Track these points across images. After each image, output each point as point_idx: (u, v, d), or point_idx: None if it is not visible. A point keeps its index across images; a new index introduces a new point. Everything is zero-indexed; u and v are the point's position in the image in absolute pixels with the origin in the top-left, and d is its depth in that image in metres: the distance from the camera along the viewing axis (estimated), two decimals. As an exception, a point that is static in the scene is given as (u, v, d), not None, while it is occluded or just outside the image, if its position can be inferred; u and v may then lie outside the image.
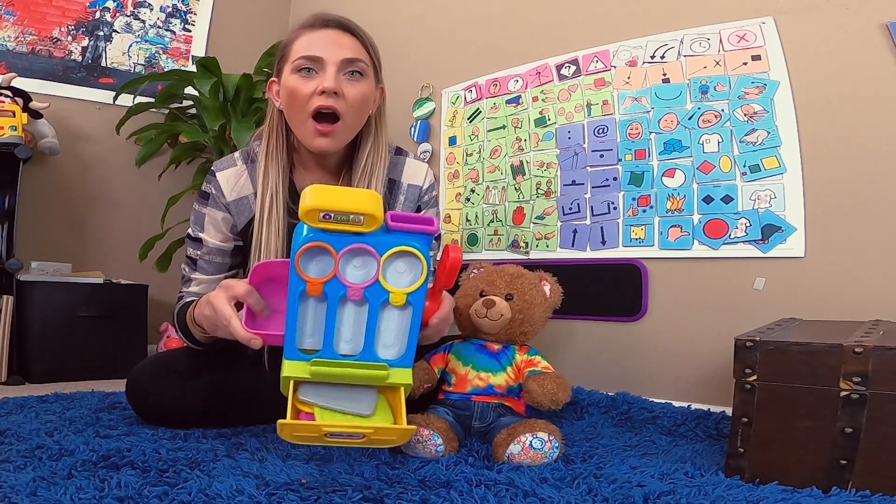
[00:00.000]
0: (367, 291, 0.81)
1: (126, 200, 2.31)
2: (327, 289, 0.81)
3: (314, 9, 1.23)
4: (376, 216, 0.78)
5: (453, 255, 0.85)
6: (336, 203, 0.76)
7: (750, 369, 0.89)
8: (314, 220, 0.77)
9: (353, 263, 0.81)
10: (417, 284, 0.82)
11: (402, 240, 0.81)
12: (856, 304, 1.23)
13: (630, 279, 1.55)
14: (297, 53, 1.12)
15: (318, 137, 1.12)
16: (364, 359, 0.84)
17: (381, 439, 0.81)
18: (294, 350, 0.83)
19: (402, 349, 0.85)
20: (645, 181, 1.55)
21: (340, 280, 0.81)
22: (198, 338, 1.11)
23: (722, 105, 1.45)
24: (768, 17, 1.40)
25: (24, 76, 2.05)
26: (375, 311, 0.83)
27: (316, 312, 0.83)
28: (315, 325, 0.84)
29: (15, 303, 1.83)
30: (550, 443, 0.95)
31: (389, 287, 0.82)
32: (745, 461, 0.89)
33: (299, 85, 1.11)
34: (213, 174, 1.20)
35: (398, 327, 0.85)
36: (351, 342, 0.84)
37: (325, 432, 0.78)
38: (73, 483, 0.76)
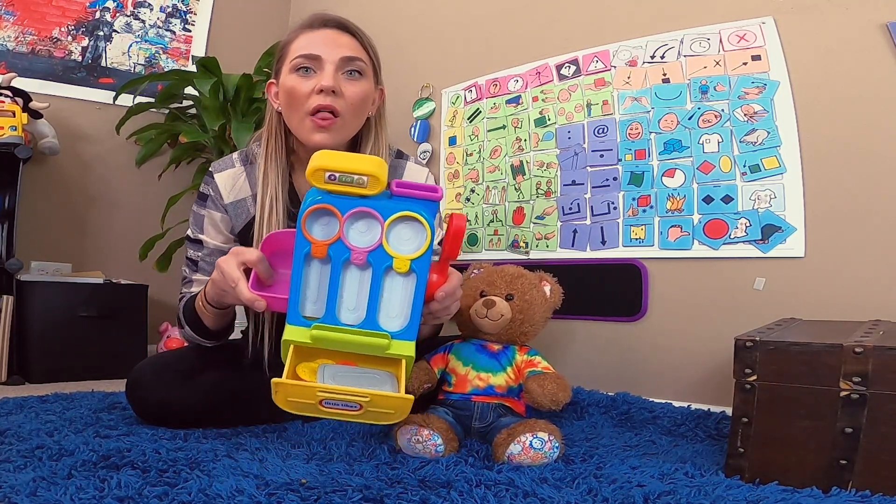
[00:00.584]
0: (370, 256, 0.82)
1: (126, 200, 2.32)
2: (331, 251, 0.82)
3: (314, 9, 1.24)
4: (380, 178, 0.79)
5: (457, 222, 0.84)
6: (341, 164, 0.79)
7: (750, 369, 0.89)
8: (320, 181, 0.80)
9: (358, 227, 0.82)
10: (421, 251, 0.82)
11: (407, 205, 0.82)
12: (856, 304, 1.23)
13: (630, 279, 1.55)
14: (295, 53, 1.12)
15: (317, 132, 1.11)
16: (366, 328, 0.83)
17: (378, 412, 0.79)
18: (297, 315, 0.83)
19: (406, 320, 0.84)
20: (645, 181, 1.55)
21: (345, 243, 0.82)
22: (206, 324, 1.11)
23: (722, 105, 1.45)
24: (768, 17, 1.40)
25: (24, 76, 2.05)
26: (379, 277, 0.83)
27: (320, 277, 0.84)
28: (319, 291, 0.84)
29: (15, 303, 1.83)
30: (550, 443, 0.95)
31: (393, 252, 0.82)
32: (745, 461, 0.89)
33: (297, 84, 1.11)
34: (210, 175, 1.20)
35: (402, 296, 0.84)
36: (354, 311, 0.84)
37: (321, 398, 0.78)
38: (73, 483, 0.76)
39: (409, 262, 0.82)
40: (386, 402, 0.79)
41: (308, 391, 0.78)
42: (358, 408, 0.79)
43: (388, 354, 0.84)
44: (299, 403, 0.80)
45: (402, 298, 0.84)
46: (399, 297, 0.84)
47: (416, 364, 1.16)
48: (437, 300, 0.92)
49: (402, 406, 0.80)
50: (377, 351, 0.84)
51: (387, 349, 0.83)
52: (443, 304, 0.93)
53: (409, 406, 0.81)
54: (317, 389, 0.78)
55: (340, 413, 0.80)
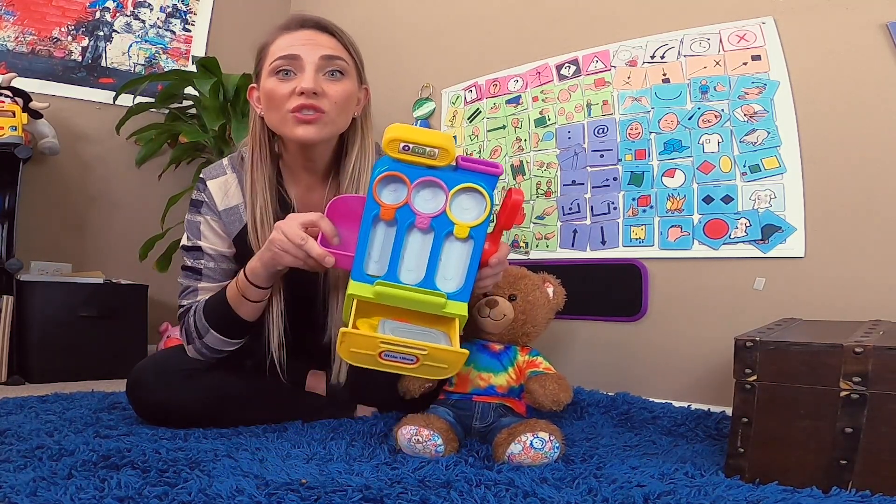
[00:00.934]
0: (433, 221, 0.89)
1: (126, 200, 2.32)
2: (398, 215, 0.89)
3: (313, 9, 1.24)
4: (449, 151, 0.87)
5: (515, 196, 0.92)
6: (415, 136, 0.86)
7: (750, 369, 0.89)
8: (394, 151, 0.86)
9: (424, 195, 0.90)
10: (481, 219, 0.89)
11: (470, 178, 0.89)
12: (856, 304, 1.23)
13: (630, 279, 1.55)
14: (273, 55, 1.10)
15: (299, 126, 1.08)
16: (424, 287, 0.90)
17: (433, 366, 0.86)
18: (361, 271, 0.90)
19: (461, 282, 0.91)
20: (645, 181, 1.55)
21: (411, 208, 0.89)
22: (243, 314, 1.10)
23: (722, 105, 1.45)
24: (768, 17, 1.40)
25: (24, 76, 2.05)
26: (440, 241, 0.90)
27: (385, 238, 0.91)
28: (382, 251, 0.91)
29: (15, 303, 1.83)
30: (551, 443, 0.95)
31: (455, 219, 0.89)
32: (745, 461, 0.89)
33: (277, 87, 1.09)
34: (203, 182, 1.19)
35: (459, 260, 0.91)
36: (414, 271, 0.91)
37: (382, 350, 0.84)
38: (73, 483, 0.76)
39: (469, 228, 0.89)
40: (442, 355, 0.86)
41: (371, 342, 0.84)
42: (414, 361, 0.85)
43: (444, 313, 0.90)
44: (361, 355, 0.85)
45: (458, 262, 0.91)
46: (456, 260, 0.91)
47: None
48: (490, 265, 0.97)
49: (457, 360, 0.87)
50: (434, 309, 0.90)
51: (443, 307, 0.90)
52: (494, 269, 0.99)
53: (463, 361, 0.88)
54: (379, 340, 0.84)
55: (398, 366, 0.86)
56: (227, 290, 1.12)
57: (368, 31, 2.30)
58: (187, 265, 1.19)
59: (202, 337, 1.13)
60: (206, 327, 1.13)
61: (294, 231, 0.98)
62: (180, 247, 1.22)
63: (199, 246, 1.18)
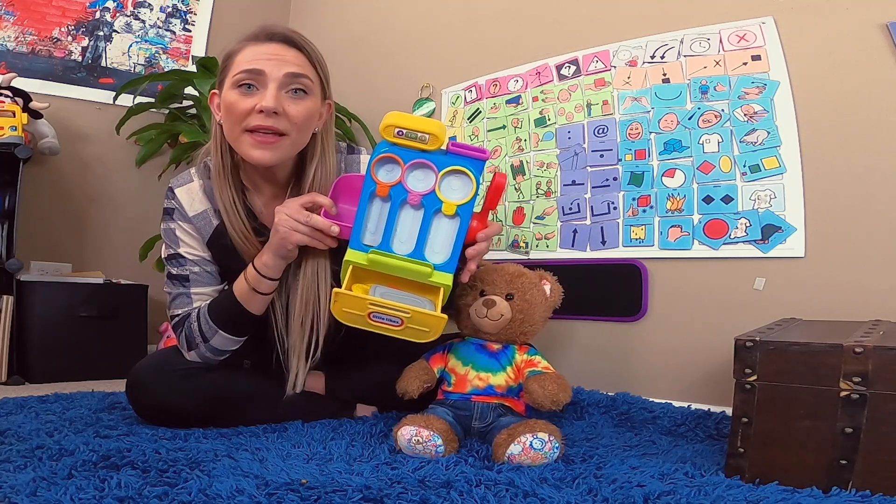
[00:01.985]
0: (424, 199, 0.99)
1: (126, 200, 2.32)
2: (393, 192, 0.99)
3: (313, 9, 1.23)
4: (439, 137, 0.97)
5: (498, 179, 1.02)
6: (409, 123, 0.97)
7: (750, 369, 0.89)
8: (390, 135, 0.97)
9: (416, 175, 1.00)
10: (467, 199, 0.99)
11: (459, 161, 0.99)
12: (856, 304, 1.23)
13: (630, 279, 1.55)
14: (238, 67, 1.09)
15: (256, 148, 1.08)
16: (414, 257, 0.99)
17: (416, 329, 0.96)
18: (358, 241, 1.00)
19: (447, 255, 1.00)
20: (645, 181, 1.55)
21: (404, 186, 0.99)
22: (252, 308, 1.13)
23: (722, 105, 1.45)
24: (768, 17, 1.40)
25: (24, 76, 2.05)
26: (429, 217, 1.00)
27: (380, 213, 1.01)
28: (378, 224, 1.01)
29: (15, 303, 1.83)
30: (551, 443, 0.95)
31: (443, 198, 0.99)
32: (745, 461, 0.89)
33: (238, 101, 1.07)
34: (171, 191, 1.20)
35: (446, 235, 1.00)
36: (405, 243, 1.00)
37: (370, 311, 0.95)
38: (73, 483, 0.76)
39: (456, 207, 0.99)
40: (424, 319, 0.95)
41: (361, 303, 0.95)
42: (399, 323, 0.95)
43: (430, 282, 0.98)
44: (352, 315, 0.96)
45: (446, 237, 1.00)
46: (444, 235, 1.00)
47: (415, 364, 1.17)
48: (477, 240, 1.04)
49: (437, 324, 0.96)
50: (421, 277, 0.98)
51: (429, 276, 0.98)
52: (481, 244, 1.05)
53: (443, 325, 0.96)
54: (368, 301, 0.95)
55: (385, 327, 0.96)
56: (234, 290, 1.14)
57: (368, 30, 2.30)
58: (172, 274, 1.19)
59: (208, 340, 1.13)
60: (214, 329, 1.13)
61: (296, 209, 1.06)
62: (163, 259, 1.22)
63: (179, 253, 1.18)
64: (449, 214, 0.99)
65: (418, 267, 0.97)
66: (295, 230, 1.06)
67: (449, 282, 0.99)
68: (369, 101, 2.20)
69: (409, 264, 0.98)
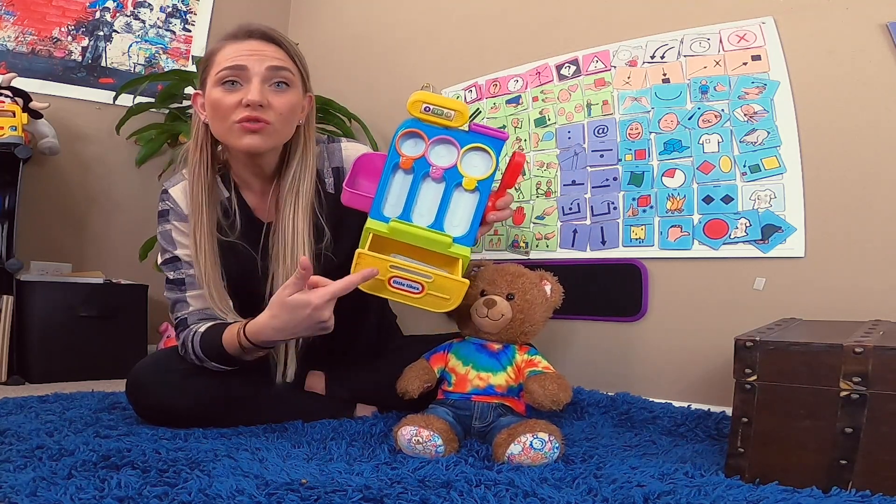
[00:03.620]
0: (446, 173, 1.03)
1: (126, 200, 2.31)
2: (416, 165, 1.02)
3: (314, 8, 1.24)
4: (464, 114, 1.02)
5: (517, 158, 1.06)
6: (436, 100, 1.03)
7: (750, 369, 0.89)
8: (417, 111, 1.03)
9: (439, 151, 1.04)
10: (487, 174, 1.03)
11: (480, 139, 1.03)
12: (856, 304, 1.23)
13: (630, 279, 1.55)
14: (220, 65, 1.11)
15: (246, 136, 1.10)
16: (436, 228, 1.02)
17: (437, 296, 0.98)
18: (379, 211, 1.02)
19: (466, 228, 1.03)
20: (645, 181, 1.55)
21: (427, 160, 1.03)
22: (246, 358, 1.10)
23: (722, 105, 1.45)
24: (768, 17, 1.40)
25: (24, 76, 2.05)
26: (450, 191, 1.03)
27: (402, 184, 1.03)
28: (399, 195, 1.03)
29: (15, 303, 1.83)
30: (551, 443, 0.95)
31: (464, 172, 1.03)
32: (745, 461, 0.89)
33: (223, 97, 1.09)
34: (165, 192, 1.21)
35: (466, 208, 1.03)
36: (426, 215, 1.02)
37: (391, 276, 0.97)
38: (73, 483, 0.76)
39: (476, 182, 1.02)
40: (446, 283, 0.97)
41: (382, 264, 0.97)
42: (420, 290, 0.98)
43: (449, 252, 1.01)
44: (372, 280, 0.97)
45: (465, 210, 1.03)
46: (463, 209, 1.03)
47: (415, 363, 1.17)
48: (496, 207, 1.05)
49: (458, 290, 0.98)
50: (441, 247, 1.01)
51: (449, 247, 1.00)
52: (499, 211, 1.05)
53: (464, 291, 0.98)
54: (389, 263, 0.97)
55: (404, 294, 0.98)
56: (224, 342, 1.09)
57: (368, 30, 2.30)
58: (170, 279, 1.19)
59: (201, 362, 1.13)
60: (204, 359, 1.12)
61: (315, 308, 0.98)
62: (159, 264, 1.22)
63: (176, 256, 1.18)
64: (469, 189, 1.02)
65: (439, 237, 1.00)
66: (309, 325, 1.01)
67: (468, 254, 1.01)
68: (369, 101, 2.20)
69: (429, 233, 1.00)
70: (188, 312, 1.16)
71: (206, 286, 1.13)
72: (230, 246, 1.17)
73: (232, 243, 1.17)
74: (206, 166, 1.16)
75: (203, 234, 1.13)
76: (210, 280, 1.13)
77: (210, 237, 1.14)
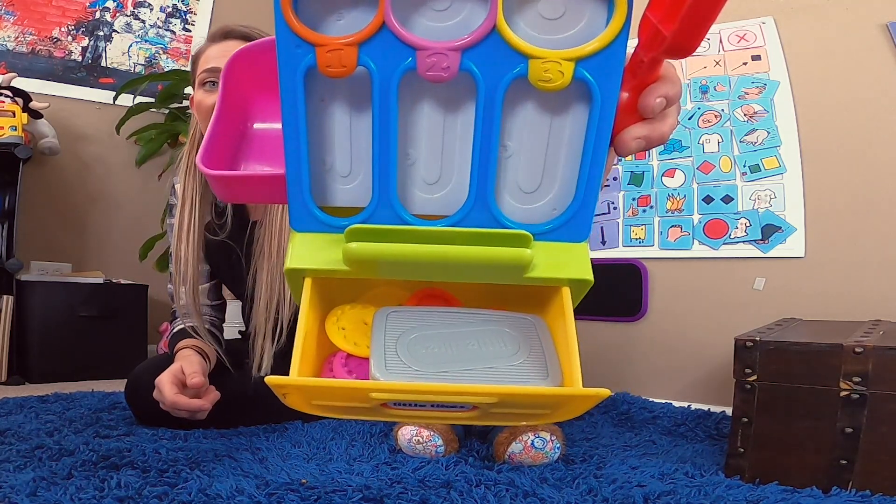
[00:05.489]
0: (468, 57, 0.36)
1: (126, 200, 2.32)
2: (367, 57, 0.36)
3: (314, 9, 1.24)
4: None
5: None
6: None
7: (750, 369, 0.89)
8: None
9: (429, 5, 0.36)
10: (603, 40, 0.35)
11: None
12: (856, 304, 1.23)
13: (630, 279, 1.55)
14: (201, 67, 1.13)
15: None
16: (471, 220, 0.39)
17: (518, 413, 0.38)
18: (306, 206, 0.39)
19: (564, 193, 0.40)
20: (645, 181, 1.54)
21: (396, 34, 0.35)
22: None
23: (722, 105, 1.45)
24: (768, 17, 1.40)
25: (24, 76, 2.05)
26: (495, 108, 0.37)
27: (351, 130, 0.39)
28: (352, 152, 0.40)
29: (15, 303, 1.83)
30: (552, 443, 0.95)
31: (525, 46, 0.35)
32: (745, 461, 0.89)
33: (203, 99, 1.12)
34: (173, 186, 1.24)
35: (554, 145, 0.39)
36: (437, 181, 0.40)
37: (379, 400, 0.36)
38: (73, 483, 0.76)
39: (574, 63, 0.35)
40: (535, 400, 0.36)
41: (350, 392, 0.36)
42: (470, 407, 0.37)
43: (531, 280, 0.40)
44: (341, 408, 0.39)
45: (553, 149, 0.39)
46: (543, 142, 0.39)
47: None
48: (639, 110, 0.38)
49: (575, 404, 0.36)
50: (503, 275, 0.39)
51: (527, 265, 0.38)
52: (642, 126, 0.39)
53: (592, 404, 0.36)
54: (369, 389, 0.35)
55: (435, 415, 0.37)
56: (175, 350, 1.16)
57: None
58: (170, 270, 1.22)
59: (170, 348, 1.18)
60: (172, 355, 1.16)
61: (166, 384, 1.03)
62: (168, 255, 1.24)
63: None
64: (554, 86, 0.36)
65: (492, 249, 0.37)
66: (161, 402, 1.05)
67: (586, 273, 0.41)
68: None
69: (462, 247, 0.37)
70: (178, 306, 1.20)
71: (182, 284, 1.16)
72: (219, 245, 1.19)
73: (221, 242, 1.19)
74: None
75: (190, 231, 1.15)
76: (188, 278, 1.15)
77: (196, 236, 1.15)
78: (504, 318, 0.42)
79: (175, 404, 1.02)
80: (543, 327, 0.42)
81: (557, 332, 0.42)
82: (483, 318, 0.42)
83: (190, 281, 1.14)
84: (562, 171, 0.39)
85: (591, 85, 0.36)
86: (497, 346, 0.40)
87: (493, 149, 0.37)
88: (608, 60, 0.35)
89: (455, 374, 0.37)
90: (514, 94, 0.37)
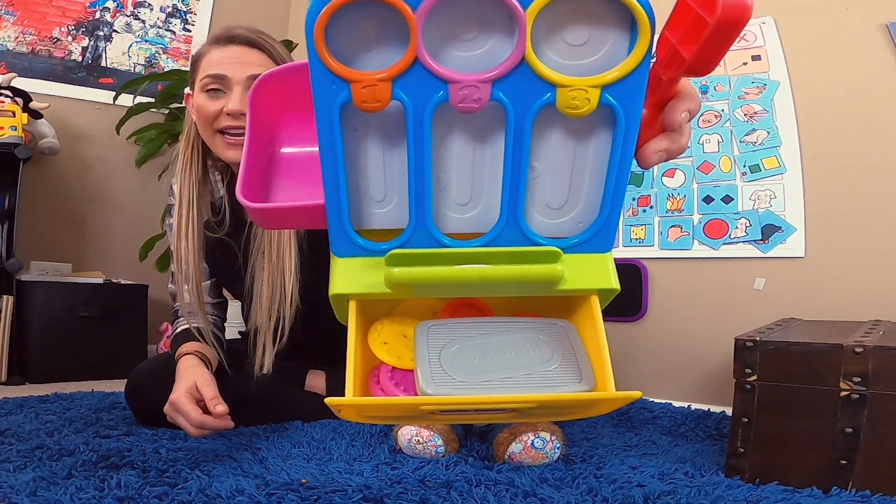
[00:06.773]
0: (498, 87, 0.37)
1: (126, 200, 2.32)
2: (400, 91, 0.38)
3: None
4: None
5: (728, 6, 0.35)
6: None
7: (750, 369, 0.89)
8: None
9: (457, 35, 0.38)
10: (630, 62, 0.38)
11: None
12: (856, 304, 1.23)
13: (630, 279, 1.55)
14: (204, 71, 1.12)
15: (229, 149, 1.12)
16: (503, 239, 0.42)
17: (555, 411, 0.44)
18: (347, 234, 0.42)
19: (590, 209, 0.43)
20: (645, 181, 1.54)
21: (428, 68, 0.37)
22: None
23: (722, 105, 1.45)
24: (768, 17, 1.40)
25: (24, 76, 2.05)
26: (524, 135, 0.39)
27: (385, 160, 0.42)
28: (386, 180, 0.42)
29: (15, 303, 1.83)
30: (552, 443, 0.95)
31: (553, 76, 0.37)
32: (745, 461, 0.89)
33: (206, 104, 1.11)
34: (171, 187, 1.24)
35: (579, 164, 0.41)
36: (468, 202, 0.42)
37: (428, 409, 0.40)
38: (73, 483, 0.76)
39: (599, 90, 0.38)
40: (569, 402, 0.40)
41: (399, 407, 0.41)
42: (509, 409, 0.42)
43: (563, 291, 0.43)
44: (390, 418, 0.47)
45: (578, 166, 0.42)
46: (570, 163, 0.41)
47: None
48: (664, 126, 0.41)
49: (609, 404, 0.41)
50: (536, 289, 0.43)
51: (558, 280, 0.41)
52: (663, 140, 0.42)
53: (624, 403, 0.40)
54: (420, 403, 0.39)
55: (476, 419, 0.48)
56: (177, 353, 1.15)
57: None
58: (172, 270, 1.23)
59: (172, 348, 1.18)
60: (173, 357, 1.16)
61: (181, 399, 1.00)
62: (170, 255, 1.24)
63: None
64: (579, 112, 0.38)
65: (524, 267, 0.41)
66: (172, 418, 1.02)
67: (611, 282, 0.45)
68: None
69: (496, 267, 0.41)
70: (180, 305, 1.20)
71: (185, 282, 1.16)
72: (217, 243, 1.19)
73: (220, 239, 1.19)
74: (196, 164, 1.18)
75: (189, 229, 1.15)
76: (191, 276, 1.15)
77: (196, 234, 1.15)
78: (536, 325, 0.45)
79: (203, 425, 0.99)
80: (573, 331, 0.45)
81: (588, 337, 0.44)
82: (517, 326, 0.45)
83: (192, 279, 1.14)
84: (587, 188, 0.42)
85: (616, 109, 0.39)
86: (533, 352, 0.43)
87: (523, 172, 0.40)
88: (632, 85, 0.38)
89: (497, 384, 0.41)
90: (541, 119, 0.39)
